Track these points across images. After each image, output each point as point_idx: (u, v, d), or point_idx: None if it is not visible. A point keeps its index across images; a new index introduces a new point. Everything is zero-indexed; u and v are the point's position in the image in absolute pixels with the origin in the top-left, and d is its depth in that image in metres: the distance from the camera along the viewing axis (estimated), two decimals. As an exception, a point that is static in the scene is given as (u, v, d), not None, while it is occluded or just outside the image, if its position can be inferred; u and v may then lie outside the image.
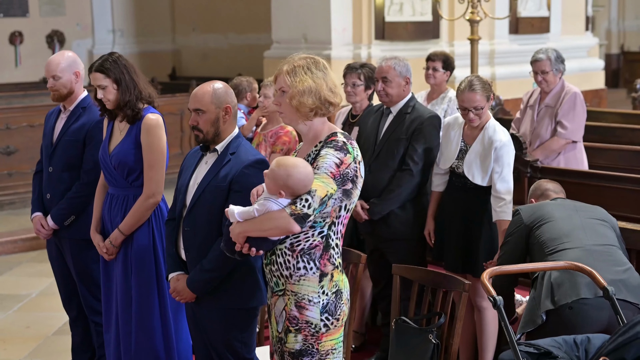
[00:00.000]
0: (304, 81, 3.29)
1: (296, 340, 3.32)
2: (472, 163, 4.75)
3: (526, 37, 10.80)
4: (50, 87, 4.76)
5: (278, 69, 3.39)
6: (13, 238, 8.41)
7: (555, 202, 4.27)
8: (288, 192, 3.20)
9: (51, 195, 4.80)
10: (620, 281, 3.70)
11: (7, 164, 9.58)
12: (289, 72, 3.33)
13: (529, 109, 6.41)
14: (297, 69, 3.32)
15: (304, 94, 3.29)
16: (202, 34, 13.85)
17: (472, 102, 4.68)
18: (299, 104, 3.31)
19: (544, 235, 4.03)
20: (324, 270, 3.31)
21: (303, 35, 9.85)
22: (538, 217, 4.13)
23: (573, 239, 3.94)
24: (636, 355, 2.77)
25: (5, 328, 6.30)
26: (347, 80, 5.43)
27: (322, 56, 8.80)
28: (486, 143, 4.72)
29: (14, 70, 12.78)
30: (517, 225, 4.20)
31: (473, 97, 4.68)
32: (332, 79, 3.36)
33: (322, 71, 3.34)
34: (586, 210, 4.19)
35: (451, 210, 4.89)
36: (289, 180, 3.19)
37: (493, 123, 4.79)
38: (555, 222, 4.05)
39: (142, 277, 4.32)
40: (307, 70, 3.31)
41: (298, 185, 3.18)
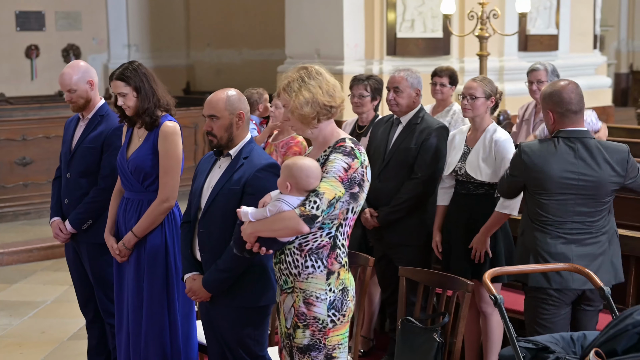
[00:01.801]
0: (299, 94, 3.44)
1: (304, 336, 3.46)
2: (475, 161, 4.89)
3: (535, 54, 10.93)
4: (68, 100, 4.92)
5: (278, 86, 3.55)
6: (28, 247, 8.57)
7: (557, 168, 4.18)
8: (293, 184, 3.35)
9: (69, 200, 4.96)
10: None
11: (23, 175, 9.75)
12: (285, 88, 3.49)
13: (524, 123, 6.54)
14: (291, 83, 3.47)
15: (302, 106, 3.44)
16: (217, 49, 14.06)
17: (468, 89, 4.92)
18: (301, 116, 3.46)
19: (535, 204, 4.21)
20: (331, 269, 3.45)
21: (316, 51, 10.02)
22: (534, 182, 4.20)
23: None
24: (626, 347, 2.89)
25: (21, 333, 6.46)
26: (354, 92, 5.60)
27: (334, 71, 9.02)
28: (487, 142, 4.87)
29: (30, 83, 13.00)
30: (516, 172, 4.29)
31: (471, 84, 4.95)
32: (327, 82, 3.49)
33: (315, 79, 3.47)
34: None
35: (456, 218, 5.01)
36: (293, 169, 3.36)
37: (494, 126, 4.95)
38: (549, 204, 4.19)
39: (153, 280, 4.46)
40: (300, 82, 3.46)
41: (301, 175, 3.35)
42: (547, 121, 4.30)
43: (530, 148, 4.23)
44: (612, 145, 4.26)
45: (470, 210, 4.94)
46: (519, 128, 6.60)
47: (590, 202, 4.18)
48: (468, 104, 4.91)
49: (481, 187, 4.92)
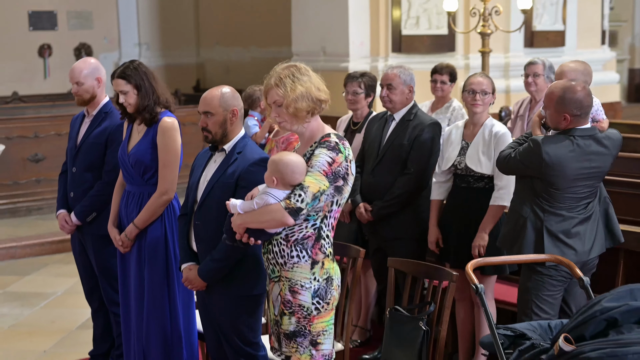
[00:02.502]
0: (294, 89, 3.59)
1: (290, 322, 3.62)
2: (475, 155, 5.01)
3: (541, 50, 10.99)
4: (74, 92, 5.10)
5: (266, 85, 3.67)
6: (40, 241, 8.79)
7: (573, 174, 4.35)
8: (279, 179, 3.51)
9: (74, 193, 5.14)
10: None
11: (35, 171, 9.97)
12: (278, 84, 3.61)
13: (518, 119, 6.65)
14: (284, 79, 3.61)
15: (297, 100, 3.59)
16: (225, 47, 14.21)
17: (480, 85, 5.04)
18: (295, 110, 3.60)
19: (546, 194, 4.35)
20: (315, 259, 3.61)
21: (322, 48, 10.16)
22: (550, 179, 4.32)
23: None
24: (594, 332, 3.02)
25: (32, 323, 6.66)
26: (348, 89, 5.74)
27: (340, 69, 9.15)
28: (486, 135, 5.00)
29: (43, 82, 13.18)
30: (532, 167, 4.35)
31: (481, 80, 5.08)
32: (316, 79, 3.65)
33: (305, 75, 3.63)
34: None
35: (456, 211, 5.13)
36: (279, 165, 3.52)
37: (492, 120, 5.09)
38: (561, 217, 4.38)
39: (153, 269, 4.64)
40: (293, 78, 3.61)
41: (286, 170, 3.51)
42: (557, 121, 4.35)
43: (552, 149, 4.30)
44: (612, 135, 4.52)
45: (470, 203, 5.07)
46: (513, 124, 6.72)
47: (596, 185, 4.45)
48: (480, 99, 5.04)
49: (481, 180, 5.05)
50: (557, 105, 4.31)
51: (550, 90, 4.39)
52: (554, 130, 4.44)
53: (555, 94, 4.33)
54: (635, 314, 3.05)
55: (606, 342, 2.93)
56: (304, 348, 3.62)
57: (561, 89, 4.33)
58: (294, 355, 3.65)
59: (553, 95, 4.35)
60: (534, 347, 3.24)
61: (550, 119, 4.41)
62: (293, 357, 3.65)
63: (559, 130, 4.38)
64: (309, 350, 3.62)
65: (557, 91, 4.33)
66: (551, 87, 4.44)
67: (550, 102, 4.35)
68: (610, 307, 3.02)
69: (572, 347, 2.96)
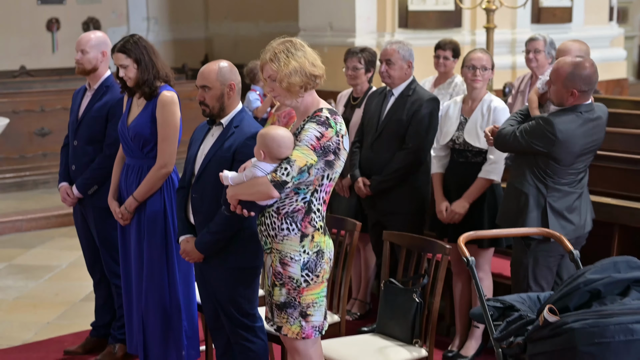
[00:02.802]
0: (287, 64, 3.62)
1: (281, 294, 3.70)
2: (473, 129, 5.05)
3: (548, 26, 10.96)
4: (77, 59, 5.15)
5: (261, 59, 3.71)
6: (46, 214, 8.89)
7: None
8: (266, 152, 3.57)
9: (76, 166, 5.20)
10: None
11: (41, 145, 10.05)
12: (272, 59, 3.65)
13: (519, 94, 6.67)
14: (279, 54, 3.64)
15: (290, 75, 3.62)
16: (234, 22, 14.21)
17: (480, 61, 5.07)
18: (289, 85, 3.64)
19: (550, 169, 4.40)
20: (305, 232, 3.66)
21: (329, 24, 10.16)
22: (558, 155, 4.35)
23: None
24: (578, 304, 3.07)
25: (36, 295, 6.76)
26: (348, 64, 5.78)
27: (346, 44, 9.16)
28: (485, 110, 5.04)
29: (51, 56, 13.21)
30: (541, 144, 4.34)
31: (482, 56, 5.10)
32: (311, 54, 3.69)
33: (300, 50, 3.67)
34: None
35: (454, 186, 5.18)
36: (266, 139, 3.58)
37: (490, 96, 5.12)
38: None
39: (153, 241, 4.71)
40: (287, 53, 3.64)
41: (272, 144, 3.56)
42: (564, 97, 4.36)
43: (565, 126, 4.33)
44: (602, 106, 4.60)
45: (468, 178, 5.11)
46: (514, 99, 6.74)
47: (591, 159, 4.55)
48: (480, 75, 5.07)
49: (479, 155, 5.10)
50: (565, 81, 4.32)
51: (559, 66, 4.39)
52: (557, 107, 4.46)
53: (564, 69, 4.34)
54: (618, 286, 3.10)
55: (589, 313, 2.98)
56: (294, 319, 3.69)
57: (570, 64, 4.34)
58: (285, 326, 3.72)
59: (562, 70, 4.35)
60: (522, 318, 3.29)
61: (555, 95, 4.41)
62: (284, 328, 3.73)
63: (563, 107, 4.40)
64: (298, 321, 3.69)
65: (566, 67, 4.34)
66: (559, 62, 4.43)
67: (558, 78, 4.35)
68: (594, 279, 3.07)
69: (556, 318, 3.01)
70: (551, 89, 4.44)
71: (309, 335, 3.71)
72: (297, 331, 3.70)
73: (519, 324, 3.24)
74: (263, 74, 3.74)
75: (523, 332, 3.26)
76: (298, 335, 3.70)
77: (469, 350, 5.23)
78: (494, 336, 3.37)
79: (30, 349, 5.63)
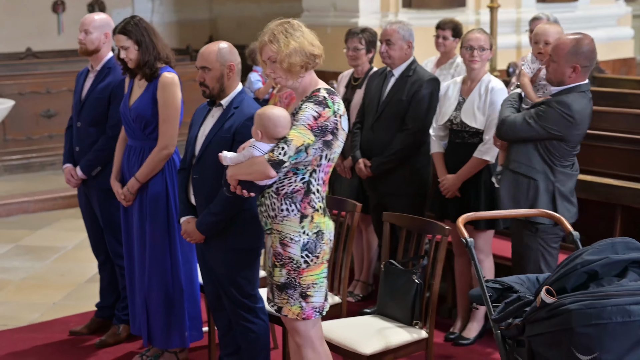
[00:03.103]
0: (287, 44, 3.62)
1: (281, 274, 3.71)
2: (470, 109, 5.05)
3: (554, 5, 10.90)
4: (80, 39, 5.17)
5: (260, 41, 3.71)
6: (53, 196, 8.93)
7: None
8: (263, 132, 3.57)
9: (80, 148, 5.23)
10: None
11: (48, 127, 10.08)
12: (272, 40, 3.64)
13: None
14: (278, 35, 3.64)
15: (291, 55, 3.62)
16: (238, 2, 14.16)
17: (478, 41, 5.06)
18: (289, 65, 3.63)
19: (561, 152, 4.43)
20: (304, 212, 3.67)
21: (332, 4, 10.11)
22: (572, 138, 4.38)
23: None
24: (575, 285, 3.07)
25: (42, 276, 6.80)
26: (349, 45, 5.77)
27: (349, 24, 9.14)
28: (482, 91, 5.04)
29: (57, 37, 13.19)
30: (559, 129, 4.34)
31: (480, 36, 5.08)
32: (308, 34, 3.68)
33: (298, 30, 3.66)
34: None
35: (451, 167, 5.18)
36: (262, 118, 3.59)
37: (489, 76, 5.11)
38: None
39: (155, 222, 4.74)
40: (286, 33, 3.64)
41: (269, 124, 3.57)
42: (565, 74, 4.34)
43: (580, 108, 4.35)
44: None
45: (465, 159, 5.11)
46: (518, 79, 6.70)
47: None
48: (478, 55, 5.06)
49: (476, 135, 5.09)
50: (568, 56, 4.31)
51: (559, 43, 4.36)
52: (557, 86, 4.44)
53: (566, 44, 4.33)
54: (615, 267, 3.10)
55: (586, 294, 2.97)
56: (294, 300, 3.70)
57: (572, 40, 4.34)
58: (285, 307, 3.73)
59: (564, 46, 4.34)
60: (520, 300, 3.29)
61: (555, 72, 4.38)
62: (284, 308, 3.74)
63: (563, 86, 4.38)
64: (298, 302, 3.70)
65: (567, 42, 4.34)
66: (559, 40, 4.41)
67: (559, 54, 4.33)
68: (591, 260, 3.07)
69: (553, 299, 3.01)
70: (550, 67, 4.40)
71: (309, 316, 3.73)
72: (298, 312, 3.71)
73: (517, 305, 3.25)
74: (262, 56, 3.73)
75: (521, 313, 3.25)
76: (298, 316, 3.72)
77: (470, 332, 5.25)
78: (492, 317, 3.38)
79: (36, 329, 5.67)
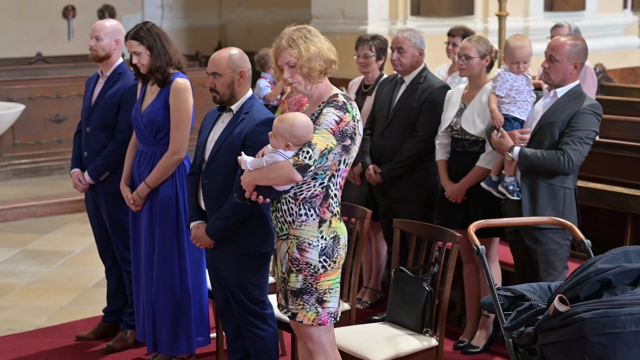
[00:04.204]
0: (307, 49, 3.61)
1: (297, 280, 3.69)
2: (470, 116, 5.03)
3: (561, 14, 10.91)
4: (91, 46, 5.16)
5: (277, 47, 3.68)
6: (60, 200, 8.93)
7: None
8: (294, 143, 3.56)
9: (88, 153, 5.22)
10: None
11: (57, 131, 10.10)
12: (291, 45, 3.63)
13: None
14: (297, 40, 3.63)
15: (311, 59, 3.61)
16: (247, 9, 14.19)
17: (463, 49, 5.09)
18: (309, 70, 3.62)
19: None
20: (323, 217, 3.66)
21: (341, 11, 10.14)
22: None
23: None
24: (588, 293, 3.06)
25: (49, 280, 6.80)
26: (359, 52, 5.78)
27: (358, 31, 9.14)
28: (484, 98, 5.02)
29: (67, 43, 13.23)
30: (596, 129, 4.51)
31: (465, 44, 5.11)
32: (325, 41, 3.68)
33: (316, 36, 3.66)
34: None
35: (455, 176, 5.15)
36: (294, 130, 3.55)
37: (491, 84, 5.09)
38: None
39: (164, 227, 4.73)
40: (305, 39, 3.63)
41: (302, 132, 3.55)
42: (567, 72, 4.51)
43: (600, 108, 4.52)
44: None
45: (466, 168, 5.08)
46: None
47: None
48: (463, 64, 5.07)
49: (476, 144, 5.08)
50: (569, 54, 4.48)
51: (557, 44, 4.53)
52: (557, 87, 4.54)
53: (565, 44, 4.51)
54: (629, 276, 3.08)
55: (600, 303, 2.96)
56: (310, 305, 3.68)
57: (568, 39, 4.55)
58: (300, 313, 3.70)
59: (563, 45, 4.51)
60: (532, 308, 3.28)
61: (557, 72, 4.53)
62: (299, 314, 3.71)
63: (564, 86, 4.52)
64: (315, 307, 3.68)
65: (565, 42, 4.52)
66: (555, 41, 4.58)
67: (562, 53, 4.48)
68: (605, 269, 3.06)
69: (567, 308, 3.00)
70: (552, 68, 4.52)
71: (324, 322, 3.71)
72: (313, 317, 3.69)
73: (529, 313, 3.23)
74: (279, 61, 3.69)
75: (533, 321, 3.24)
76: (314, 321, 3.70)
77: (480, 340, 5.22)
78: (504, 326, 3.36)
79: (42, 334, 5.66)
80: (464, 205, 5.11)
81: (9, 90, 9.83)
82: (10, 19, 12.63)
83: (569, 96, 4.53)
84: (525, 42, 4.88)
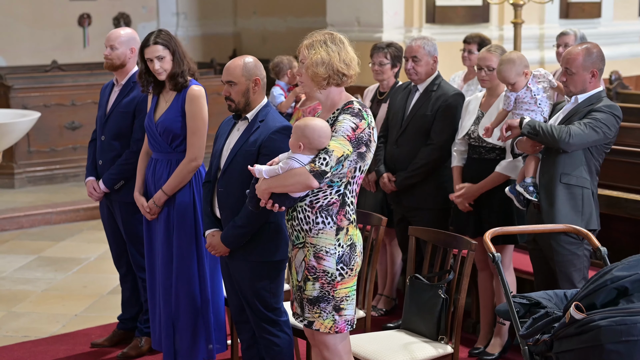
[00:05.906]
0: (318, 53, 3.64)
1: (314, 288, 3.68)
2: (487, 124, 4.98)
3: (577, 21, 10.88)
4: (106, 55, 5.19)
5: (301, 43, 3.74)
6: (75, 207, 8.97)
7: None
8: (306, 144, 3.56)
9: (103, 161, 5.24)
10: None
11: (72, 139, 10.15)
12: (308, 45, 3.69)
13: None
14: (315, 43, 3.67)
15: (317, 64, 3.64)
16: (262, 17, 14.24)
17: (485, 61, 5.05)
18: (313, 74, 3.65)
19: (599, 161, 4.56)
20: (340, 225, 3.66)
21: (356, 19, 10.15)
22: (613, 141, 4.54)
23: None
24: (604, 301, 3.05)
25: (64, 287, 6.82)
26: (374, 60, 5.78)
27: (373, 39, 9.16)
28: (501, 107, 5.00)
29: (82, 50, 13.32)
30: (613, 133, 4.47)
31: (487, 55, 5.07)
32: (348, 53, 3.68)
33: (337, 45, 3.67)
34: None
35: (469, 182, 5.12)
36: (306, 130, 3.56)
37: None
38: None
39: (182, 234, 4.74)
40: (323, 44, 3.66)
41: (313, 135, 3.55)
42: (586, 80, 4.47)
43: (619, 108, 4.51)
44: None
45: (482, 175, 5.07)
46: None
47: None
48: (486, 75, 5.05)
49: (492, 151, 5.07)
50: (585, 64, 4.45)
51: (572, 55, 4.49)
52: (579, 95, 4.51)
53: (579, 54, 4.48)
54: (646, 283, 3.07)
55: (616, 310, 2.95)
56: (327, 313, 3.68)
57: (582, 49, 4.51)
58: (317, 321, 3.70)
59: (578, 55, 4.48)
60: (548, 315, 3.27)
61: (576, 83, 4.50)
62: (316, 323, 3.70)
63: (586, 93, 4.49)
64: (332, 315, 3.68)
65: (579, 51, 4.49)
66: (569, 52, 4.54)
67: (576, 64, 4.46)
68: (621, 276, 3.04)
69: (583, 315, 2.99)
70: (569, 80, 4.50)
71: (341, 330, 3.70)
72: (330, 325, 3.69)
73: (545, 321, 3.22)
74: (299, 55, 3.75)
75: (549, 329, 3.23)
76: (331, 329, 3.69)
77: (495, 347, 5.21)
78: (520, 333, 3.35)
79: (57, 341, 5.68)
80: (479, 213, 5.10)
81: (25, 97, 9.89)
82: (26, 26, 12.73)
83: (589, 100, 4.51)
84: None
